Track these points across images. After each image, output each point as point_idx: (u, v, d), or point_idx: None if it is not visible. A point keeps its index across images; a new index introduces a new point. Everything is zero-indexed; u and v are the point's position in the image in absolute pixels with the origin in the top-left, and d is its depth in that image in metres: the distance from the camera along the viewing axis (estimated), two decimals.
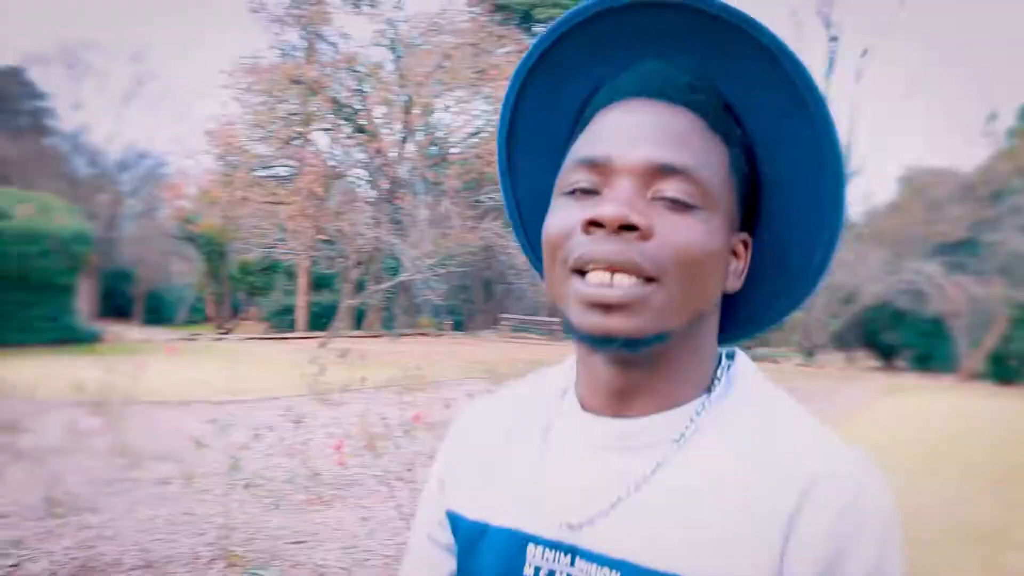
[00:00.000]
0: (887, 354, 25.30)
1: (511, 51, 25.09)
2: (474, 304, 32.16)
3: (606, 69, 0.78)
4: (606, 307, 0.68)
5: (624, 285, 0.67)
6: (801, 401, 0.76)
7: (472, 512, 0.84)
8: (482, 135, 26.48)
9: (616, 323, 0.68)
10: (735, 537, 0.68)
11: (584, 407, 0.79)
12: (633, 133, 0.71)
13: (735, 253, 0.77)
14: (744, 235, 0.78)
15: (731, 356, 0.81)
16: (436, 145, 26.97)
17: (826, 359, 25.17)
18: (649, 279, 0.68)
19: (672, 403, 0.75)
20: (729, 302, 0.79)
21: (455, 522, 0.86)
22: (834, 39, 28.88)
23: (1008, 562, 5.44)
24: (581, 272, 0.70)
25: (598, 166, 0.71)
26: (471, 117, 26.98)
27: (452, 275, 24.28)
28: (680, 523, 0.70)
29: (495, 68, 23.93)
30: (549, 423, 0.83)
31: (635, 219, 0.67)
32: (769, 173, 0.78)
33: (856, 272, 23.14)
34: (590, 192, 0.71)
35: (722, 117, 0.74)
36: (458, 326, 29.60)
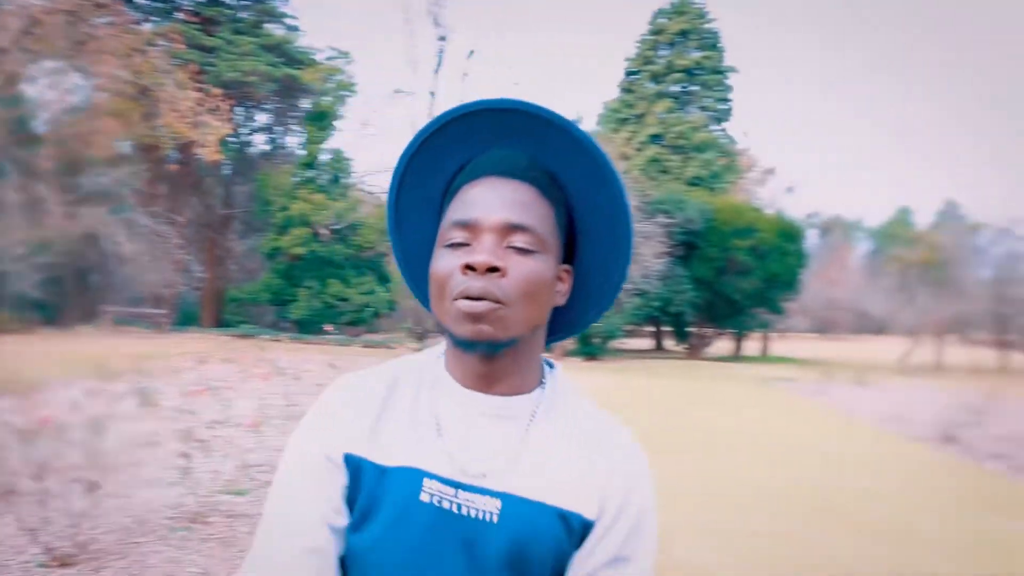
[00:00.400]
0: None
1: (112, 22, 23.30)
2: (68, 296, 29.48)
3: (469, 152, 1.09)
4: (476, 318, 0.98)
5: (487, 305, 0.98)
6: None
7: (372, 457, 1.04)
8: (78, 112, 24.34)
9: (482, 330, 0.99)
10: (579, 485, 1.04)
11: (462, 386, 1.08)
12: (492, 202, 1.02)
13: (561, 279, 1.10)
14: (567, 266, 1.11)
15: (551, 364, 1.16)
16: (24, 121, 24.26)
17: (434, 342, 26.38)
18: (504, 304, 0.99)
19: (521, 390, 1.09)
20: (557, 313, 1.13)
21: (357, 464, 1.04)
22: (442, 39, 30.59)
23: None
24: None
25: (469, 226, 1.01)
26: (66, 92, 24.63)
27: (44, 265, 22.11)
28: (541, 473, 1.03)
29: (94, 40, 22.10)
30: (423, 395, 1.10)
31: (497, 263, 0.98)
32: (582, 224, 1.12)
33: None
34: (463, 244, 1.02)
35: (550, 187, 1.07)
36: (48, 320, 26.97)
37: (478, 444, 1.05)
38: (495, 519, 1.00)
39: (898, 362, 25.96)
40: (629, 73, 43.46)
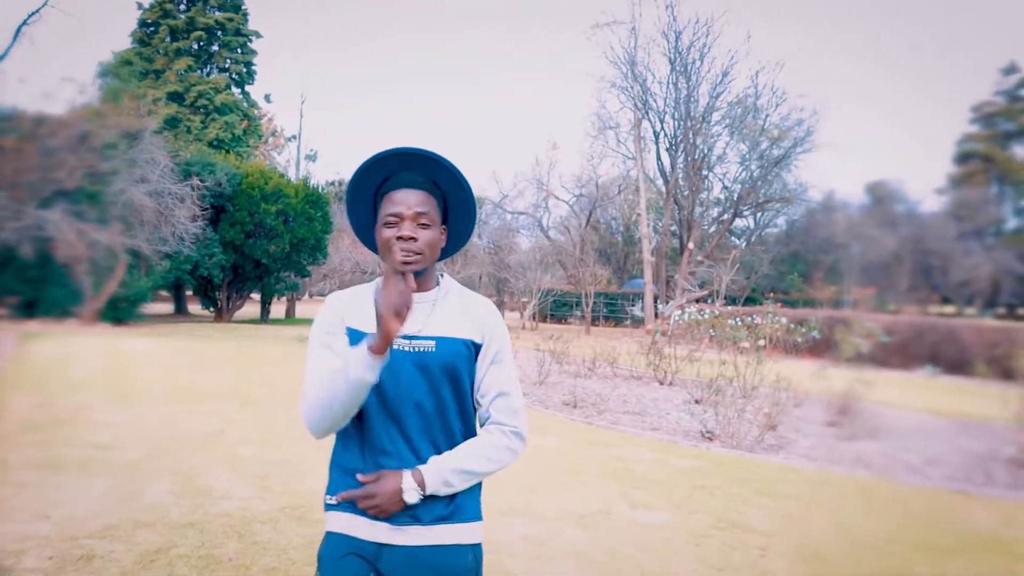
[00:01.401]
0: None
1: None
2: None
3: (388, 170, 2.01)
4: (407, 264, 1.92)
5: (413, 256, 1.93)
6: None
7: (361, 327, 2.00)
8: None
9: (412, 266, 1.93)
10: (470, 326, 2.05)
11: None
12: (408, 202, 1.96)
13: (442, 234, 2.05)
14: (444, 227, 2.07)
15: (442, 274, 2.14)
16: None
17: None
18: (419, 254, 1.94)
19: (426, 288, 2.07)
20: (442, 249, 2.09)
21: (355, 332, 1.99)
22: None
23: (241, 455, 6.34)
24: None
25: (398, 214, 1.95)
26: None
27: None
28: (450, 325, 2.02)
29: None
30: (374, 297, 1.90)
31: (414, 235, 1.94)
32: (451, 204, 2.09)
33: None
34: (395, 224, 1.95)
35: (434, 189, 2.02)
36: None
37: (413, 318, 1.98)
38: (433, 349, 1.99)
39: None
40: (143, 24, 41.06)
